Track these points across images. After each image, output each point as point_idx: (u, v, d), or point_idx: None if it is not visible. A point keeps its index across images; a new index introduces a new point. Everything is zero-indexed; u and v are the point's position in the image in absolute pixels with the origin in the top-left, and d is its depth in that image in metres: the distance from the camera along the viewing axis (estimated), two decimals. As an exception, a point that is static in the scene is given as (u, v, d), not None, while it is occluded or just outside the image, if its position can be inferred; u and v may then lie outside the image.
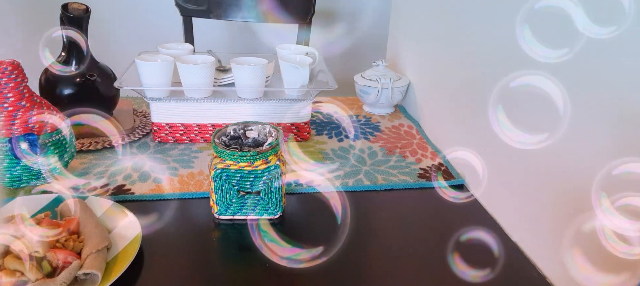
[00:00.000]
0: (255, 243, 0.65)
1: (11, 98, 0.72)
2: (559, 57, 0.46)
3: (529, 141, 0.43)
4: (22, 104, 0.72)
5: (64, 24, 0.91)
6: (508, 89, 0.40)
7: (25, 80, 0.73)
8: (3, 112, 0.71)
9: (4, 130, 0.70)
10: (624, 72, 0.51)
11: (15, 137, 0.70)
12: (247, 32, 1.84)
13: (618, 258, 0.52)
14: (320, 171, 0.86)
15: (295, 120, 0.96)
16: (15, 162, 0.72)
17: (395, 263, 0.65)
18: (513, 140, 0.41)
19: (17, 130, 0.71)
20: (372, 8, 1.88)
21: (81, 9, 0.91)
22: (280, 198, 0.71)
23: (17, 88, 0.72)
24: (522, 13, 0.44)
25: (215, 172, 0.67)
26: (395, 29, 1.31)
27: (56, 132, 0.75)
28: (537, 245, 0.65)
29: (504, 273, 0.64)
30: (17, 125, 0.71)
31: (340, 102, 1.22)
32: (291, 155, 0.87)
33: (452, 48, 0.94)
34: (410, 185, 0.83)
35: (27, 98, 0.73)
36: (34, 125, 0.72)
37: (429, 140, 1.02)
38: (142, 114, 1.07)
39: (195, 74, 0.89)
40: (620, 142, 0.52)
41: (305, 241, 0.68)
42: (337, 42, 1.89)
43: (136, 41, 1.74)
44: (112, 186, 0.78)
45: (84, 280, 0.55)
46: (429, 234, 0.71)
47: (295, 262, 0.60)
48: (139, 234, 0.62)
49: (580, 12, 0.43)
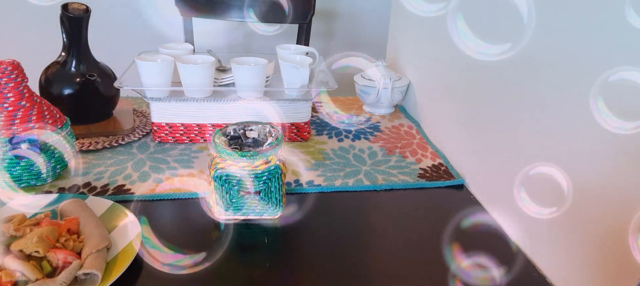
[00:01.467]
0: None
1: (11, 98, 0.72)
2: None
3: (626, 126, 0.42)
4: (22, 104, 0.72)
5: (64, 24, 0.91)
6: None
7: (25, 80, 0.73)
8: (3, 112, 0.71)
9: (3, 130, 0.70)
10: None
11: (16, 137, 0.70)
12: (247, 32, 1.84)
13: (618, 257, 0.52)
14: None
15: (295, 120, 0.96)
16: (15, 162, 0.72)
17: (395, 263, 0.65)
18: (611, 126, 0.41)
19: (17, 130, 0.71)
20: (372, 8, 1.88)
21: (81, 9, 0.91)
22: (280, 198, 0.71)
23: (17, 88, 0.72)
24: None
25: (215, 172, 0.67)
26: (395, 29, 1.31)
27: (56, 132, 0.75)
28: (537, 245, 0.65)
29: (504, 273, 0.64)
30: (17, 125, 0.71)
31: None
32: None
33: (452, 48, 0.94)
34: (410, 185, 0.83)
35: (27, 98, 0.73)
36: (34, 125, 0.72)
37: (429, 140, 1.02)
38: (142, 114, 1.07)
39: (195, 74, 0.89)
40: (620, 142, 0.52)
41: (305, 241, 0.68)
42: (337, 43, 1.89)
43: (136, 41, 1.75)
44: (112, 186, 0.78)
45: (84, 280, 0.55)
46: (429, 234, 0.71)
47: (177, 269, 0.60)
48: (139, 234, 0.62)
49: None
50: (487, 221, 0.74)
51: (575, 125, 0.58)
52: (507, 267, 0.65)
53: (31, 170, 0.73)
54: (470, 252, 0.67)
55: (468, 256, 0.66)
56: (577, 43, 0.57)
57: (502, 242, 0.69)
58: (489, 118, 0.78)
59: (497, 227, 0.72)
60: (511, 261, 0.66)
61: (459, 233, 0.71)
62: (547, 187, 0.46)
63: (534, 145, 0.66)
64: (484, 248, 0.68)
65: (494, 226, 0.73)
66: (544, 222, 0.64)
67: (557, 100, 0.61)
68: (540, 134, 0.64)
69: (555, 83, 0.61)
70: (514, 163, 0.70)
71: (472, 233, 0.72)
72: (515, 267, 0.65)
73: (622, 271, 0.52)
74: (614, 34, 0.52)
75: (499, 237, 0.70)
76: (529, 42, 0.68)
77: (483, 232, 0.72)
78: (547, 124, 0.63)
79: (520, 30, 0.38)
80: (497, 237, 0.70)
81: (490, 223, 0.73)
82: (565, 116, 0.60)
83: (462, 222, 0.74)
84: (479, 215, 0.76)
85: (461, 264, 0.65)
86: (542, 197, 0.49)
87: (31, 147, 0.71)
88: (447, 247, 0.68)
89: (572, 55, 0.58)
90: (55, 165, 0.76)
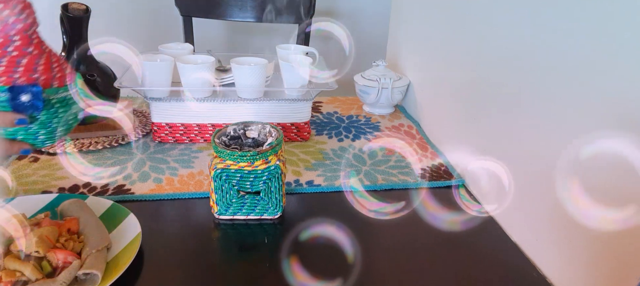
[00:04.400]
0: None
1: (17, 41, 0.59)
2: None
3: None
4: (28, 50, 0.60)
5: (64, 24, 0.91)
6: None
7: (36, 25, 0.61)
8: (6, 57, 0.58)
9: (4, 77, 0.58)
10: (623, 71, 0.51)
11: (17, 86, 0.59)
12: (247, 32, 1.84)
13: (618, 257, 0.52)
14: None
15: (295, 120, 0.96)
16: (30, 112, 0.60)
17: (395, 264, 0.65)
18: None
19: (19, 79, 0.59)
20: (372, 8, 1.88)
21: (81, 9, 0.91)
22: (280, 198, 0.71)
23: (26, 32, 0.59)
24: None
25: (215, 172, 0.67)
26: (395, 29, 1.31)
27: (63, 89, 0.62)
28: (537, 244, 0.65)
29: (504, 273, 0.64)
30: (20, 73, 0.59)
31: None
32: None
33: (452, 48, 0.94)
34: (410, 185, 0.83)
35: (36, 45, 0.61)
36: (40, 76, 0.60)
37: (429, 140, 1.02)
38: (142, 114, 1.07)
39: (195, 74, 0.89)
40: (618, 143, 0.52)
41: (305, 242, 0.68)
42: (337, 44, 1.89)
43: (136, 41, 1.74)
44: (112, 186, 0.78)
45: (84, 280, 0.55)
46: (429, 234, 0.71)
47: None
48: (139, 234, 0.62)
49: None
50: (487, 222, 0.74)
51: (575, 125, 0.58)
52: (507, 267, 0.65)
53: (29, 129, 0.61)
54: (470, 252, 0.67)
55: (468, 256, 0.66)
56: (578, 43, 0.57)
57: (502, 242, 0.69)
58: (489, 118, 0.78)
59: (497, 227, 0.72)
60: (511, 261, 0.66)
61: (459, 233, 0.71)
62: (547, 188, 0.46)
63: (534, 145, 0.66)
64: (484, 248, 0.68)
65: (494, 226, 0.73)
66: (544, 222, 0.64)
67: (557, 100, 0.61)
68: (541, 134, 0.64)
69: (555, 84, 0.61)
70: (514, 163, 0.70)
71: (472, 233, 0.72)
72: (515, 267, 0.65)
73: (622, 271, 0.52)
74: (614, 34, 0.52)
75: (499, 237, 0.70)
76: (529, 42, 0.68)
77: (483, 232, 0.72)
78: (547, 124, 0.63)
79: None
80: (497, 237, 0.70)
81: (490, 223, 0.73)
82: (566, 116, 0.60)
83: (462, 222, 0.74)
84: (478, 215, 0.76)
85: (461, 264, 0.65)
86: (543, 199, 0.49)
87: (34, 100, 0.59)
88: (447, 247, 0.68)
89: (573, 55, 0.58)
90: (55, 128, 0.62)
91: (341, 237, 0.69)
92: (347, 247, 0.67)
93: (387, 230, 0.72)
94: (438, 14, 1.01)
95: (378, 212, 0.63)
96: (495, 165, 0.75)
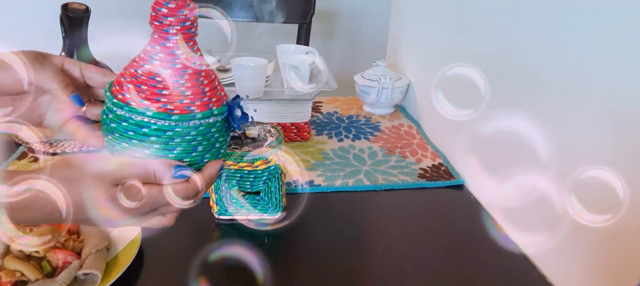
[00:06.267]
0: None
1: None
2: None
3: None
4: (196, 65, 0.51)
5: (64, 24, 0.91)
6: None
7: (196, 34, 0.52)
8: (198, 86, 0.49)
9: (214, 98, 0.50)
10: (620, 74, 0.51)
11: (232, 100, 0.51)
12: (247, 32, 1.84)
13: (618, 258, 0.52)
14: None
15: (295, 120, 0.96)
16: (226, 132, 0.52)
17: (395, 264, 0.65)
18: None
19: (222, 96, 0.52)
20: (372, 8, 1.88)
21: (81, 9, 0.91)
22: (280, 198, 0.71)
23: (194, 47, 0.51)
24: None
25: (215, 172, 0.67)
26: (395, 29, 1.31)
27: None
28: (537, 244, 0.65)
29: (504, 273, 0.64)
30: (208, 93, 0.50)
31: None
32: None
33: (452, 48, 0.94)
34: (410, 185, 0.83)
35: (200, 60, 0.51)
36: (221, 92, 0.52)
37: (429, 140, 1.02)
38: (142, 114, 1.06)
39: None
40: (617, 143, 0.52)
41: (305, 242, 0.68)
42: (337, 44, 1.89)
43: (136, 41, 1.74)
44: (112, 186, 0.78)
45: (83, 280, 0.55)
46: (429, 234, 0.71)
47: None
48: (139, 234, 0.62)
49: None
50: (487, 221, 0.74)
51: (575, 125, 0.58)
52: (507, 267, 0.65)
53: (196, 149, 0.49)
54: (470, 252, 0.67)
55: (468, 256, 0.66)
56: (578, 43, 0.57)
57: (502, 242, 0.69)
58: (489, 118, 0.78)
59: (497, 227, 0.72)
60: (511, 261, 0.66)
61: (459, 233, 0.71)
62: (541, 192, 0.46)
63: (534, 145, 0.66)
64: (483, 248, 0.68)
65: (494, 226, 0.73)
66: (544, 222, 0.64)
67: (557, 100, 0.61)
68: (541, 134, 0.64)
69: (555, 84, 0.61)
70: (514, 163, 0.70)
71: (472, 233, 0.72)
72: (515, 267, 0.65)
73: (622, 271, 0.52)
74: (614, 34, 0.52)
75: (499, 237, 0.70)
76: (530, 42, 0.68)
77: (483, 232, 0.72)
78: (547, 124, 0.63)
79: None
80: (497, 237, 0.70)
81: (490, 223, 0.73)
82: (566, 116, 0.60)
83: (462, 222, 0.74)
84: (478, 215, 0.76)
85: (461, 264, 0.65)
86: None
87: (242, 115, 0.51)
88: (447, 247, 0.68)
89: (573, 55, 0.58)
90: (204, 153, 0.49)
91: (341, 237, 0.69)
92: (346, 247, 0.67)
93: (387, 230, 0.72)
94: (438, 14, 1.01)
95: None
96: (496, 165, 0.75)
